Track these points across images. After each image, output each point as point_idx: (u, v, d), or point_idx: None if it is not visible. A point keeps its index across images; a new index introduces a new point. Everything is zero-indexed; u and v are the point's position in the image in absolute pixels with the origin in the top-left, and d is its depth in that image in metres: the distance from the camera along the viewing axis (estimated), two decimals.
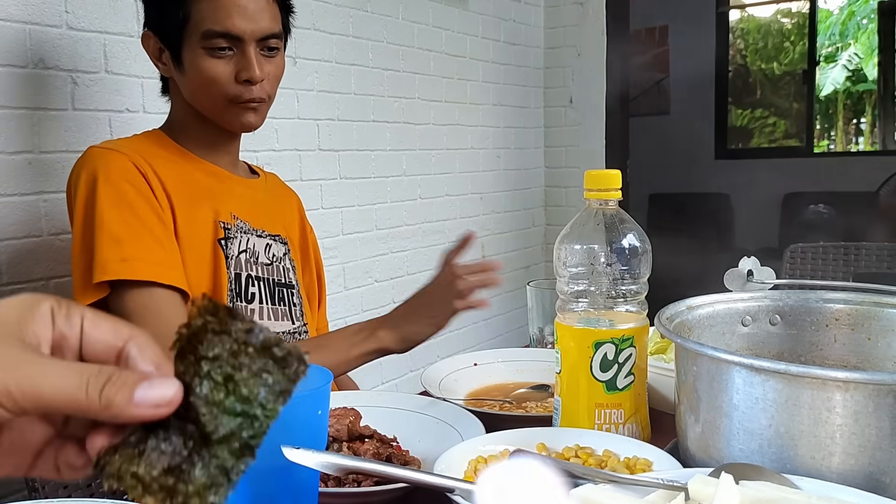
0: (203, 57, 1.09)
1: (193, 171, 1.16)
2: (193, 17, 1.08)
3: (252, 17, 1.08)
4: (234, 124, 1.15)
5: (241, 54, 1.09)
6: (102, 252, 1.03)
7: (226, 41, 1.08)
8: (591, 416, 0.79)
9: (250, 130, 1.18)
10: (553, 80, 3.21)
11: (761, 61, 5.88)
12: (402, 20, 2.43)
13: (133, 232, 1.04)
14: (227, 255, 1.13)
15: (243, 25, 1.08)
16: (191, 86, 1.13)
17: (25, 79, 1.41)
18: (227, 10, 1.07)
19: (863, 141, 6.72)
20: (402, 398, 0.94)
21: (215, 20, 1.07)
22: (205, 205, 1.14)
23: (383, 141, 2.39)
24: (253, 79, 1.09)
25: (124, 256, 1.02)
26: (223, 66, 1.09)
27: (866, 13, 6.88)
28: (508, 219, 3.05)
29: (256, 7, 1.09)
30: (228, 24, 1.07)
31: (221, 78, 1.09)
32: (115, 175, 1.06)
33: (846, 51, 7.07)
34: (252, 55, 1.09)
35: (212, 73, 1.09)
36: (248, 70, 1.09)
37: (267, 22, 1.10)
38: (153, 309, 1.03)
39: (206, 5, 1.07)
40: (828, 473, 0.60)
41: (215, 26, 1.07)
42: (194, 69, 1.10)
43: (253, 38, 1.09)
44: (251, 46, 1.09)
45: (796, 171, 5.15)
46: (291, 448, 0.53)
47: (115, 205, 1.05)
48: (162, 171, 1.10)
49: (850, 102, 6.88)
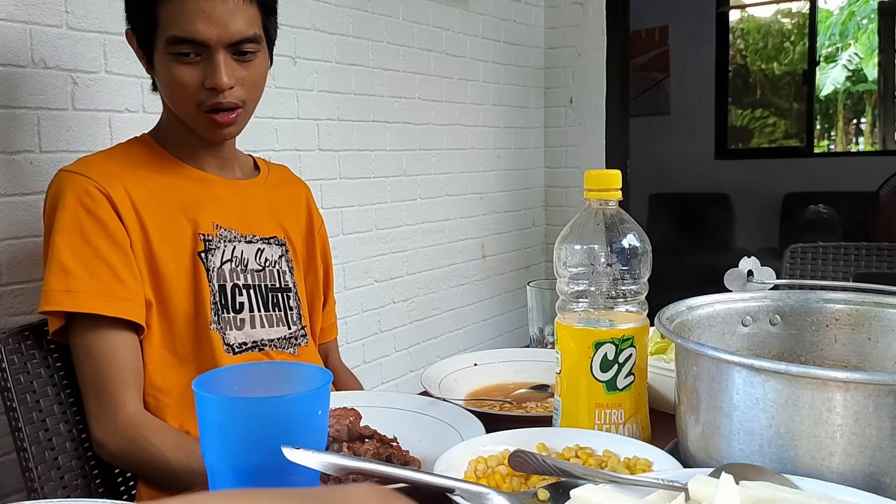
0: (170, 63, 1.06)
1: (175, 180, 1.14)
2: (160, 22, 1.04)
3: (220, 23, 1.03)
4: (205, 133, 1.12)
5: (209, 60, 1.05)
6: (49, 281, 1.03)
7: (190, 47, 1.04)
8: (592, 416, 0.79)
9: (224, 140, 1.15)
10: (553, 80, 3.21)
11: (761, 61, 5.87)
12: (403, 20, 2.43)
13: (82, 262, 1.03)
14: (207, 267, 1.11)
15: (208, 32, 1.03)
16: (163, 90, 1.12)
17: (26, 78, 1.41)
18: (191, 16, 1.02)
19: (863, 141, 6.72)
20: (402, 398, 0.94)
21: (179, 26, 1.03)
22: (182, 219, 1.11)
23: (383, 141, 2.39)
24: (218, 86, 1.05)
25: (69, 287, 1.02)
26: (190, 72, 1.05)
27: (866, 13, 6.88)
28: (508, 219, 3.05)
29: (225, 11, 1.03)
30: (192, 30, 1.03)
31: (188, 84, 1.06)
32: (72, 202, 1.04)
33: (846, 51, 7.07)
34: (219, 62, 1.05)
35: (179, 79, 1.06)
36: (214, 77, 1.05)
37: (239, 26, 1.05)
38: (96, 346, 1.03)
39: (171, 10, 1.03)
40: (828, 474, 0.60)
41: (179, 32, 1.03)
42: (164, 73, 1.08)
43: (221, 44, 1.04)
44: (219, 53, 1.05)
45: (796, 171, 5.15)
46: (291, 448, 0.53)
47: (69, 233, 1.03)
48: (135, 190, 1.08)
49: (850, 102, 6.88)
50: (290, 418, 0.56)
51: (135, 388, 1.05)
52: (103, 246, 1.04)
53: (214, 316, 1.11)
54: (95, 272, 1.03)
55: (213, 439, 0.56)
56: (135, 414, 1.03)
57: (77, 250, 1.03)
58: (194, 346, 1.10)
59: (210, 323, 1.10)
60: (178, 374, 1.09)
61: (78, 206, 1.05)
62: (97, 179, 1.06)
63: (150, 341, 1.08)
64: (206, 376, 0.59)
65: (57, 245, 1.03)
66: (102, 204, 1.05)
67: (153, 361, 1.08)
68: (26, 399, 1.07)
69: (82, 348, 1.05)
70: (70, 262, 1.03)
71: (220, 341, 1.10)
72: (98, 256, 1.04)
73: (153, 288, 1.08)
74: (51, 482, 1.07)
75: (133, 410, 1.03)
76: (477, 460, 0.72)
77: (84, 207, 1.05)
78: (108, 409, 1.03)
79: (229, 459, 0.55)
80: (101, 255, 1.04)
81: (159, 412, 1.08)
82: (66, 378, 1.14)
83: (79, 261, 1.03)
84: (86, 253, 1.03)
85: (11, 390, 1.05)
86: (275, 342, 1.17)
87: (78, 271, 1.02)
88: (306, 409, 0.56)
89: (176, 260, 1.10)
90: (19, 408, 1.06)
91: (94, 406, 1.04)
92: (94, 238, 1.04)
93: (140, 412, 1.04)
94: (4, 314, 1.38)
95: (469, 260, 2.82)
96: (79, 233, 1.04)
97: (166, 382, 1.09)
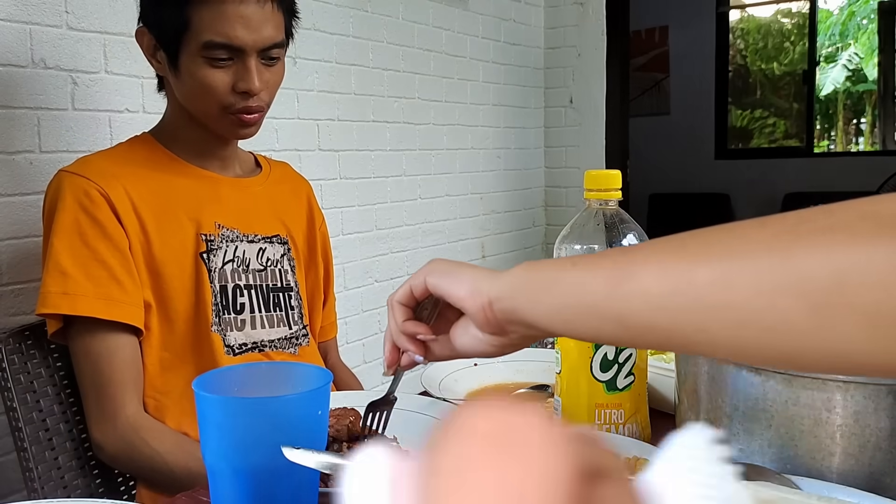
0: (201, 66, 1.06)
1: (177, 180, 1.14)
2: (194, 25, 1.04)
3: (255, 28, 1.04)
4: (227, 132, 1.13)
5: (241, 65, 1.06)
6: (47, 283, 1.02)
7: (226, 52, 1.05)
8: (592, 416, 0.79)
9: (244, 138, 1.16)
10: (553, 80, 3.21)
11: (761, 61, 5.88)
12: (403, 20, 2.43)
13: (80, 264, 1.02)
14: (209, 268, 1.11)
15: (246, 37, 1.04)
16: (185, 90, 1.11)
17: (26, 79, 1.41)
18: (230, 21, 1.03)
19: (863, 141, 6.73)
20: (402, 398, 0.94)
21: (217, 31, 1.03)
22: (185, 219, 1.11)
23: (383, 141, 2.39)
24: (251, 91, 1.07)
25: (66, 290, 1.01)
26: (221, 76, 1.06)
27: (866, 13, 6.88)
28: (508, 219, 3.05)
29: (261, 17, 1.05)
30: (232, 35, 1.03)
31: (218, 87, 1.07)
32: (71, 203, 1.04)
33: (846, 51, 7.07)
34: (252, 66, 1.06)
35: (209, 82, 1.06)
36: (248, 82, 1.06)
37: (270, 31, 1.07)
38: (94, 349, 1.03)
39: (209, 14, 1.03)
40: (828, 473, 0.60)
41: (217, 37, 1.03)
42: (191, 76, 1.07)
43: (255, 49, 1.06)
44: (252, 57, 1.06)
45: (796, 171, 5.15)
46: (291, 448, 0.53)
47: (67, 235, 1.03)
48: (136, 190, 1.08)
49: (850, 102, 6.88)
50: (290, 418, 0.56)
51: (134, 391, 1.05)
52: (102, 248, 1.04)
53: (215, 317, 1.10)
54: (94, 275, 1.02)
55: (213, 439, 0.56)
56: (134, 417, 1.03)
57: (76, 252, 1.03)
58: (194, 348, 1.10)
59: (211, 324, 1.10)
60: (177, 375, 1.09)
61: (77, 207, 1.04)
62: (97, 180, 1.06)
63: (149, 343, 1.08)
64: (206, 376, 0.59)
65: (55, 247, 1.03)
66: (101, 206, 1.05)
67: (153, 363, 1.08)
68: (26, 399, 1.07)
69: (81, 351, 1.04)
70: (68, 264, 1.02)
71: (221, 343, 1.10)
72: (97, 259, 1.03)
73: (153, 290, 1.08)
74: (51, 482, 1.07)
75: (132, 413, 1.03)
76: None
77: (83, 209, 1.04)
78: (107, 412, 1.03)
79: (229, 459, 0.55)
80: (100, 257, 1.03)
81: (159, 413, 1.08)
82: (66, 378, 1.14)
83: (77, 263, 1.02)
84: (84, 255, 1.03)
85: (11, 390, 1.05)
86: (275, 343, 1.17)
87: (76, 274, 1.02)
88: (306, 409, 0.56)
89: (177, 261, 1.10)
90: (19, 408, 1.06)
91: (93, 409, 1.04)
92: (92, 240, 1.04)
93: (139, 415, 1.04)
94: (4, 314, 1.38)
95: (469, 260, 2.82)
96: (77, 235, 1.03)
97: (166, 384, 1.09)
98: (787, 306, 0.39)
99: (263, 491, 0.55)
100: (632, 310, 0.46)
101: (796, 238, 0.40)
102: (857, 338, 0.38)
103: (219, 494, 0.56)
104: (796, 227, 0.40)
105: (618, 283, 0.46)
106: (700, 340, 0.45)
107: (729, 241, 0.43)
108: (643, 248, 0.48)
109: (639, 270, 0.46)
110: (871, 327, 0.37)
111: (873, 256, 0.37)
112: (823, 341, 0.39)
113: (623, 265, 0.47)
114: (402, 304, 0.64)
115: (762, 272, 0.40)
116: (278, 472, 0.55)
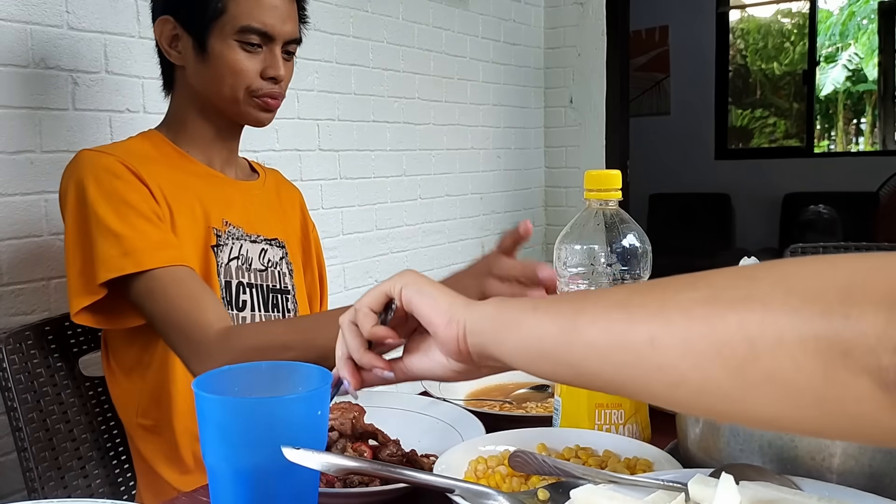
0: (234, 48, 1.12)
1: (187, 174, 1.16)
2: (230, 11, 1.11)
3: (284, 20, 1.14)
4: (248, 116, 1.16)
5: (269, 52, 1.14)
6: (103, 250, 1.02)
7: (259, 38, 1.12)
8: (592, 416, 0.79)
9: (262, 125, 1.19)
10: (553, 80, 3.21)
11: (761, 61, 5.88)
12: (402, 20, 2.43)
13: (129, 224, 1.03)
14: (218, 262, 1.13)
15: (278, 26, 1.13)
16: (210, 74, 1.13)
17: (26, 79, 1.41)
18: (266, 10, 1.12)
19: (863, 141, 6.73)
20: (403, 398, 0.94)
21: (254, 17, 1.11)
22: (199, 209, 1.13)
23: (383, 141, 2.39)
24: (278, 76, 1.14)
25: (125, 251, 1.02)
26: (251, 61, 1.13)
27: (866, 13, 6.88)
28: (508, 219, 3.05)
29: (288, 11, 1.15)
30: (268, 23, 1.12)
31: (248, 71, 1.13)
32: (103, 174, 1.06)
33: (846, 51, 7.08)
34: (278, 55, 1.14)
35: (240, 66, 1.12)
36: (275, 68, 1.14)
37: (293, 26, 1.16)
38: (160, 288, 1.02)
39: (246, 2, 1.11)
40: (828, 474, 0.60)
41: (254, 23, 1.11)
42: (220, 58, 1.12)
43: (282, 39, 1.14)
44: (278, 46, 1.14)
45: (796, 171, 5.15)
46: (291, 448, 0.53)
47: (108, 201, 1.04)
48: (154, 176, 1.10)
49: (850, 102, 6.89)
50: (290, 418, 0.56)
51: (211, 304, 1.02)
52: (145, 207, 1.06)
53: None
54: (143, 230, 1.04)
55: (213, 439, 0.56)
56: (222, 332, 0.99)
57: (122, 214, 1.04)
58: None
59: None
60: (182, 367, 1.09)
61: (109, 176, 1.06)
62: (122, 158, 1.08)
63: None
64: (206, 376, 0.59)
65: (100, 215, 1.03)
66: (129, 175, 1.07)
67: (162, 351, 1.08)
68: (26, 399, 1.07)
69: (149, 301, 1.02)
70: (119, 226, 1.03)
71: None
72: (142, 215, 1.05)
73: None
74: (51, 482, 1.07)
75: (218, 329, 0.99)
76: (477, 460, 0.72)
77: (115, 175, 1.06)
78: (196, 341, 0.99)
79: (229, 459, 0.55)
80: (144, 213, 1.05)
81: (162, 406, 1.08)
82: (67, 378, 1.14)
83: (127, 223, 1.03)
84: (130, 214, 1.04)
85: (12, 390, 1.05)
86: None
87: (128, 233, 1.03)
88: (306, 410, 0.56)
89: (195, 247, 1.11)
90: (19, 408, 1.06)
91: (183, 348, 1.01)
92: (134, 201, 1.05)
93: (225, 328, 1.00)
94: (4, 314, 1.38)
95: (469, 260, 2.81)
96: (119, 198, 1.04)
97: (176, 373, 1.09)
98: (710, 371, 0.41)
99: (263, 491, 0.55)
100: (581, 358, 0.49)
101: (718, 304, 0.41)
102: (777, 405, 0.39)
103: (219, 494, 0.56)
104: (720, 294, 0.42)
105: (568, 332, 0.49)
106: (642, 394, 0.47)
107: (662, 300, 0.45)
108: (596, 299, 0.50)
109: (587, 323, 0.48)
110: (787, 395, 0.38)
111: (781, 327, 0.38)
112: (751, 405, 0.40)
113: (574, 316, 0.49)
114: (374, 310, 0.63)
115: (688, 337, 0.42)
116: (278, 473, 0.55)
